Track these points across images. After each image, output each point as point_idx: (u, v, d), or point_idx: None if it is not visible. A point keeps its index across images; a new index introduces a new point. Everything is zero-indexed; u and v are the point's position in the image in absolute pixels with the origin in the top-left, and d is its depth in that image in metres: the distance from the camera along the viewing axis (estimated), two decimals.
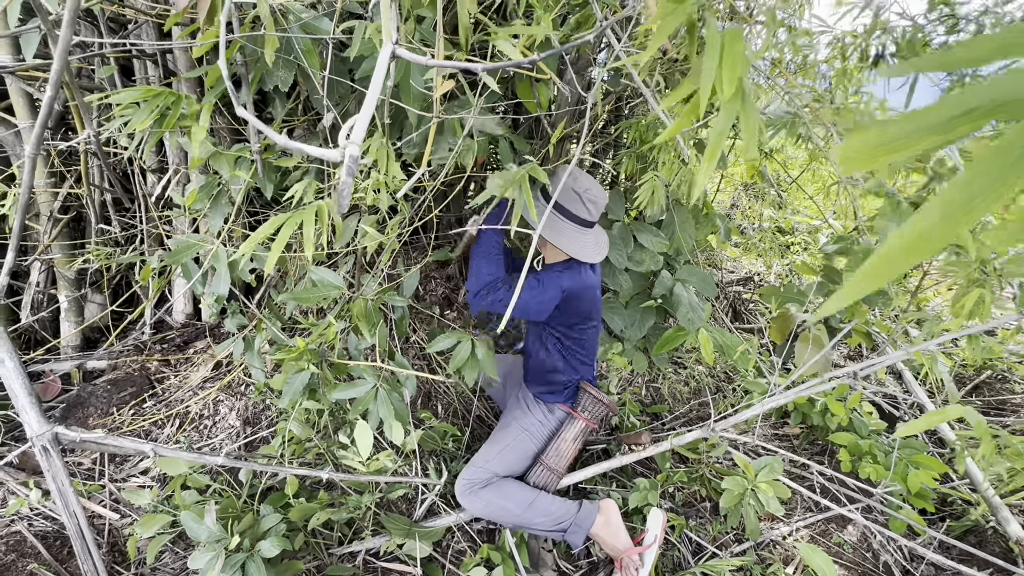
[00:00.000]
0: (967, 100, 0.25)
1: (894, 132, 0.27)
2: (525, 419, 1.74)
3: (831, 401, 1.97)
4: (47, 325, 1.99)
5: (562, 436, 1.72)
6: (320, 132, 1.63)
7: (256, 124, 0.56)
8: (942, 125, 0.26)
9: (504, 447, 1.68)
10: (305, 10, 1.29)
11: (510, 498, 1.57)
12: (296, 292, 1.41)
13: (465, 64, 0.68)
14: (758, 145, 0.62)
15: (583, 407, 1.74)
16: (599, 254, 1.59)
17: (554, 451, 1.71)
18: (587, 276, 1.62)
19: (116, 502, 1.59)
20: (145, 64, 1.78)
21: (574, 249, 1.53)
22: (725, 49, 0.53)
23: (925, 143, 0.27)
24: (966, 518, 1.79)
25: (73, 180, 1.87)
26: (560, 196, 1.52)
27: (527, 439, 1.71)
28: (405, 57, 0.50)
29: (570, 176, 1.52)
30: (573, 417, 1.73)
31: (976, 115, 0.25)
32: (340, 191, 0.42)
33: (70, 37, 0.70)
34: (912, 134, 0.27)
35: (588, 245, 1.56)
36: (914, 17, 1.79)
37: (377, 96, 0.45)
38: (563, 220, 1.53)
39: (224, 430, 1.78)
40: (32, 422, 0.96)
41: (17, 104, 1.70)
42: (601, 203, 1.56)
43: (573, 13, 1.48)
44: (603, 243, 1.62)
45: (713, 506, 1.87)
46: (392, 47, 0.48)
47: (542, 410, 1.76)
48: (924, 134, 0.27)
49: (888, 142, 0.28)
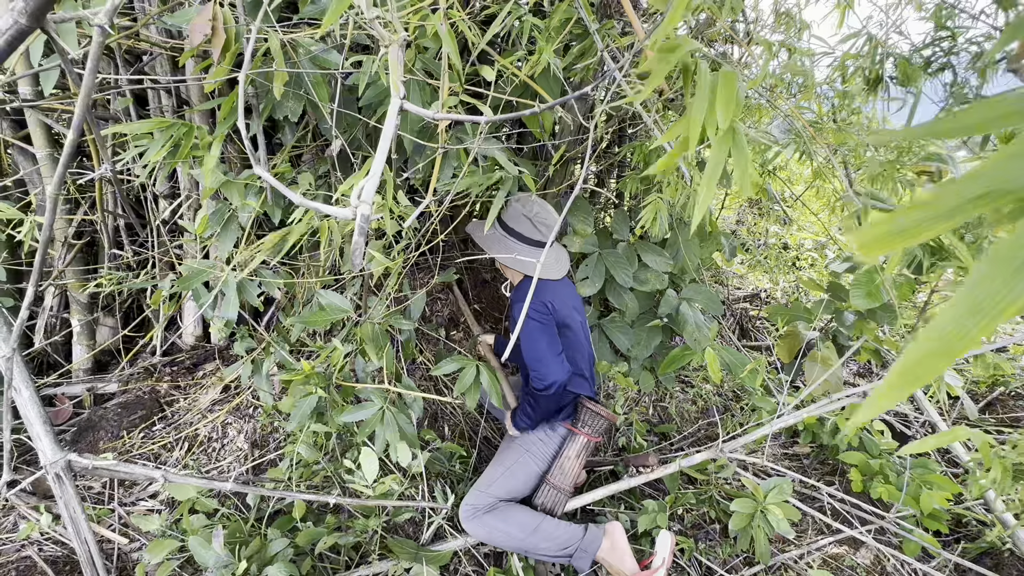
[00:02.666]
0: (979, 183, 0.26)
1: (905, 222, 0.28)
2: (526, 439, 1.73)
3: (841, 420, 1.95)
4: (59, 348, 2.02)
5: (565, 454, 1.71)
6: (328, 158, 1.66)
7: (277, 186, 0.58)
8: (951, 212, 0.27)
9: (506, 469, 1.67)
10: (314, 43, 1.33)
11: (514, 523, 1.56)
12: (304, 316, 1.43)
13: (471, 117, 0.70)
14: (751, 181, 0.63)
15: (583, 422, 1.74)
16: (558, 271, 1.72)
17: (558, 469, 1.70)
18: (554, 285, 1.71)
19: (125, 526, 1.60)
20: (159, 94, 1.83)
21: (529, 268, 1.65)
22: (717, 92, 0.55)
23: (935, 231, 0.28)
24: (981, 540, 1.76)
25: (87, 207, 1.91)
26: (512, 222, 1.69)
27: (529, 460, 1.70)
28: (413, 111, 0.52)
29: (519, 202, 1.69)
30: (574, 433, 1.73)
31: (990, 199, 0.25)
32: (353, 251, 0.44)
33: (92, 86, 0.73)
34: (922, 223, 0.28)
35: (546, 264, 1.66)
36: (914, 44, 1.81)
37: (386, 153, 0.47)
38: (516, 243, 1.67)
39: (232, 453, 1.79)
40: (46, 450, 0.98)
41: (35, 134, 1.76)
42: (553, 224, 1.66)
43: (575, 42, 1.52)
44: (562, 260, 1.78)
45: (722, 528, 1.85)
46: (400, 102, 0.50)
47: (543, 429, 1.75)
48: (933, 222, 0.27)
49: (902, 230, 0.28)
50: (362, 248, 0.44)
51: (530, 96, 1.58)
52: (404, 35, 0.59)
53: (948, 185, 0.26)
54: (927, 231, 0.27)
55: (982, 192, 0.25)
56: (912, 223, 0.27)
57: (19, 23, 0.70)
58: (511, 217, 1.68)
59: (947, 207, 0.26)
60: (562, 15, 1.21)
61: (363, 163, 1.79)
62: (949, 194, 0.26)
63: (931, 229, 0.27)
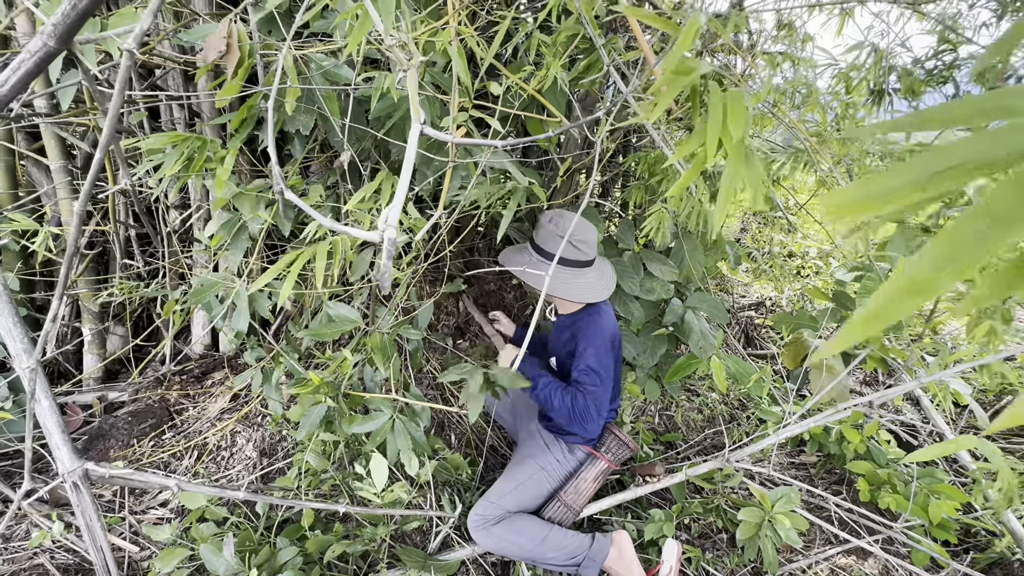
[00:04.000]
0: (950, 156, 0.26)
1: (877, 187, 0.29)
2: (543, 457, 1.71)
3: (847, 429, 1.95)
4: (70, 357, 2.04)
5: (582, 475, 1.70)
6: (338, 168, 1.69)
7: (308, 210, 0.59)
8: (925, 181, 0.27)
9: (519, 484, 1.66)
10: (326, 58, 1.36)
11: (523, 534, 1.56)
12: (314, 328, 1.44)
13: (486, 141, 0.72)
14: (763, 194, 0.64)
15: (607, 448, 1.71)
16: (607, 288, 1.58)
17: (573, 489, 1.69)
18: (608, 310, 1.63)
19: (136, 534, 1.61)
20: (171, 107, 1.86)
21: (580, 294, 1.53)
22: (728, 111, 0.56)
23: (908, 198, 0.29)
24: (991, 550, 1.75)
25: (99, 217, 1.94)
26: (548, 245, 1.53)
27: (544, 478, 1.68)
28: (432, 135, 0.54)
29: (551, 222, 1.53)
30: (596, 458, 1.71)
31: (959, 172, 0.26)
32: (381, 275, 0.46)
33: (119, 107, 0.75)
34: (895, 190, 0.29)
35: (593, 284, 1.56)
36: (916, 55, 1.83)
37: (409, 178, 0.49)
38: (560, 269, 1.52)
39: (241, 461, 1.80)
40: (64, 458, 0.99)
41: (49, 145, 1.79)
42: (591, 239, 1.55)
43: (582, 57, 1.54)
44: (608, 275, 1.63)
45: (730, 537, 1.84)
46: (420, 127, 0.52)
47: (561, 449, 1.73)
48: (907, 190, 0.28)
49: (871, 196, 0.29)
50: (389, 271, 0.45)
51: (536, 109, 1.60)
52: (421, 58, 0.61)
53: (920, 156, 0.27)
54: (896, 199, 0.28)
55: (954, 164, 0.26)
56: (881, 190, 0.28)
57: (48, 45, 0.72)
58: (545, 240, 1.55)
59: (917, 176, 0.27)
60: (569, 31, 1.23)
61: (371, 174, 1.81)
62: (920, 164, 0.27)
63: (900, 197, 0.27)
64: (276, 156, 1.43)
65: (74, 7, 0.72)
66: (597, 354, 1.52)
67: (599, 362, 1.52)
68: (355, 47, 0.72)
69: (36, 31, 1.36)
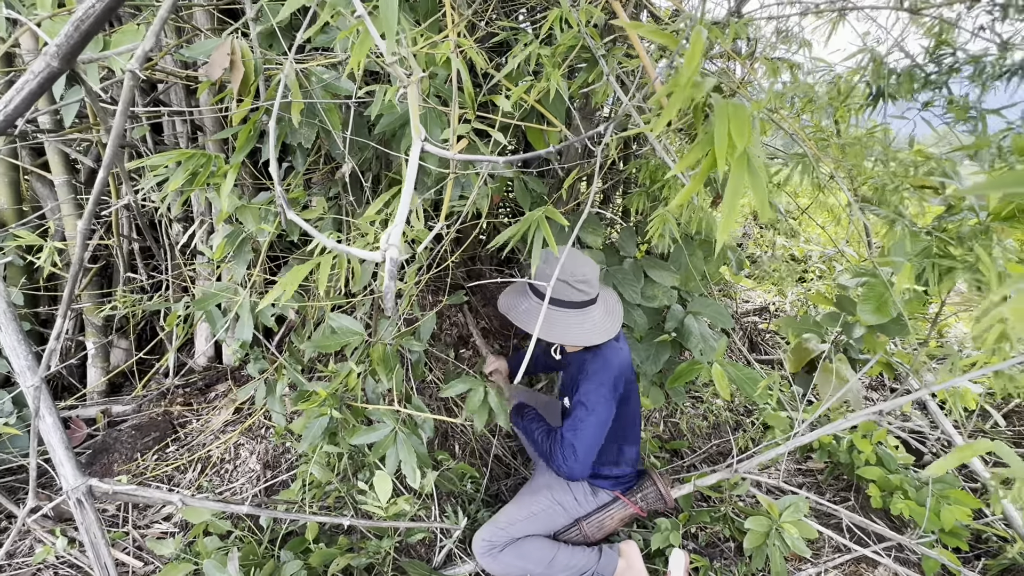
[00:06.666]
0: None
1: None
2: (561, 494, 1.63)
3: (857, 438, 1.93)
4: (73, 371, 2.04)
5: (610, 514, 1.63)
6: (339, 180, 1.69)
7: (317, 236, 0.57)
8: None
9: (532, 515, 1.60)
10: (327, 71, 1.37)
11: (531, 559, 1.53)
12: (317, 340, 1.44)
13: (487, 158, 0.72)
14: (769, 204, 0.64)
15: (644, 496, 1.64)
16: (612, 326, 1.48)
17: (597, 524, 1.63)
18: (619, 346, 1.54)
19: (139, 549, 1.61)
20: (173, 122, 1.87)
21: (580, 338, 1.44)
22: (731, 122, 0.56)
23: None
24: (1003, 556, 1.73)
25: (103, 231, 1.95)
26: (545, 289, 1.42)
27: (559, 513, 1.62)
28: (434, 152, 0.54)
29: (545, 264, 1.45)
30: (626, 504, 1.63)
31: None
32: (385, 295, 0.45)
33: (123, 126, 0.76)
34: None
35: (595, 325, 1.46)
36: (913, 57, 1.83)
37: (410, 197, 0.49)
38: (560, 312, 1.44)
39: (244, 474, 1.79)
40: (68, 475, 0.99)
41: (53, 161, 1.80)
42: (591, 276, 1.46)
43: (581, 69, 1.55)
44: (614, 309, 1.55)
45: (737, 546, 1.83)
46: (421, 144, 0.52)
47: (584, 490, 1.64)
48: None
49: None
50: (392, 291, 0.45)
51: (536, 118, 1.61)
52: (421, 74, 0.61)
53: None
54: None
55: None
56: None
57: (51, 66, 0.73)
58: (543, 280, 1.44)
59: None
60: (569, 42, 1.24)
61: (372, 184, 1.82)
62: None
63: None
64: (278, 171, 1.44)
65: (77, 28, 0.72)
66: (593, 389, 1.45)
67: (591, 396, 1.45)
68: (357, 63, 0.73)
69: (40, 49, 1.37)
